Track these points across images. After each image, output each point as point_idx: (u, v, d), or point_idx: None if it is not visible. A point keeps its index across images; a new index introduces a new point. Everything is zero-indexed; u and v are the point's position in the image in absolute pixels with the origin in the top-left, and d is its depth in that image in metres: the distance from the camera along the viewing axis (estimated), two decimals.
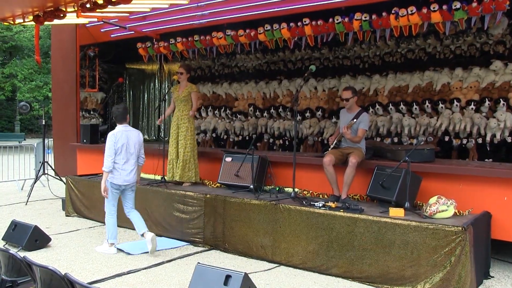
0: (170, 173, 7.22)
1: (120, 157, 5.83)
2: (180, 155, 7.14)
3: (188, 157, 7.12)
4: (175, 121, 7.24)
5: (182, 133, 7.13)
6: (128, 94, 11.95)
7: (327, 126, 8.10)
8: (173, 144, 7.22)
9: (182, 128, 7.14)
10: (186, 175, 7.13)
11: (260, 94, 9.03)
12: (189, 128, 7.16)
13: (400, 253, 4.67)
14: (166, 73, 11.21)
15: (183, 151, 7.12)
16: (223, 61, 9.60)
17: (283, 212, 5.45)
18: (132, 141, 5.91)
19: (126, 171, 5.87)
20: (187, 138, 7.13)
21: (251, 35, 8.07)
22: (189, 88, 7.19)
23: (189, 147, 7.13)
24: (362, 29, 6.99)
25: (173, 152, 7.22)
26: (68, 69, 11.75)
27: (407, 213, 5.03)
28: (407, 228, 4.65)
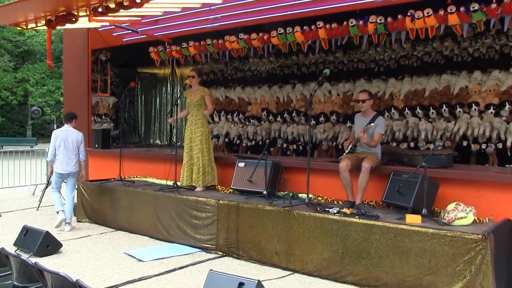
0: (184, 179, 7.22)
1: (60, 151, 7.41)
2: (198, 160, 7.14)
3: (206, 161, 7.15)
4: (189, 126, 7.25)
5: (197, 138, 7.14)
6: (140, 98, 12.00)
7: (341, 131, 8.06)
8: (186, 150, 7.23)
9: (196, 133, 7.16)
10: (205, 179, 7.16)
11: (273, 98, 9.02)
12: (204, 132, 7.18)
13: (418, 261, 4.61)
14: (178, 77, 11.25)
15: (200, 156, 7.13)
16: (236, 65, 9.61)
17: (297, 219, 5.42)
18: (70, 139, 7.46)
19: (63, 163, 7.39)
20: (203, 142, 7.14)
21: (264, 39, 8.08)
22: (201, 92, 7.20)
23: (206, 151, 7.15)
24: (377, 32, 6.96)
25: (187, 157, 7.23)
26: (79, 74, 11.85)
27: (424, 220, 4.97)
28: (424, 235, 4.60)
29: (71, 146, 7.43)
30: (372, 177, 5.87)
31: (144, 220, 6.99)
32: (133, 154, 9.11)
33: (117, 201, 7.44)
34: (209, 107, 7.18)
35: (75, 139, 7.50)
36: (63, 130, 7.52)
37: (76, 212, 8.01)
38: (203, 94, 7.18)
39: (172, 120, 7.54)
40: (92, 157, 9.93)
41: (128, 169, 8.47)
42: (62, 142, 7.40)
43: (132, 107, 11.82)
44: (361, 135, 5.96)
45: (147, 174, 8.63)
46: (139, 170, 8.83)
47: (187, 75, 11.31)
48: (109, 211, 7.53)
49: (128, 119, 11.69)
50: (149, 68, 11.71)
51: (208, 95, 7.21)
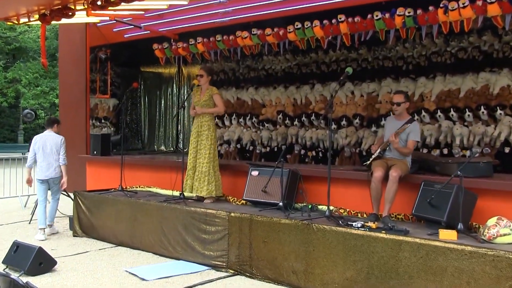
0: (187, 187, 7.25)
1: (38, 156, 7.89)
2: (199, 166, 7.18)
3: (207, 168, 7.14)
4: (195, 128, 7.29)
5: (202, 142, 7.18)
6: (143, 100, 12.08)
7: (365, 136, 8.04)
8: (192, 154, 7.27)
9: (202, 136, 7.19)
10: (205, 188, 7.14)
11: (290, 100, 9.03)
12: (210, 136, 7.20)
13: (454, 283, 4.55)
14: (185, 77, 11.31)
15: (201, 161, 7.16)
16: (249, 63, 9.64)
17: (317, 233, 5.41)
18: (49, 143, 7.90)
19: (43, 168, 7.86)
20: (207, 147, 7.16)
21: (280, 34, 8.10)
22: (210, 91, 7.24)
23: (208, 157, 7.15)
24: (405, 26, 6.94)
25: (192, 163, 7.26)
26: (77, 73, 11.96)
27: (460, 236, 4.92)
28: (461, 253, 4.54)
29: (49, 150, 7.89)
30: (401, 187, 5.84)
31: (148, 235, 7.02)
32: (136, 161, 9.17)
33: (117, 213, 7.48)
34: (220, 106, 7.22)
35: (54, 143, 7.94)
36: (42, 135, 8.05)
37: (72, 226, 8.06)
38: (212, 93, 7.22)
39: (194, 112, 7.36)
40: (90, 165, 10.00)
41: (130, 178, 8.51)
42: (41, 147, 7.92)
43: (135, 110, 11.90)
44: (392, 139, 5.94)
45: (151, 183, 8.67)
46: (142, 179, 8.88)
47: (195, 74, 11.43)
48: (109, 225, 7.57)
49: (130, 123, 11.77)
50: (153, 67, 11.79)
51: (217, 94, 7.25)
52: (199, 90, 7.40)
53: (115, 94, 11.52)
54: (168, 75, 11.72)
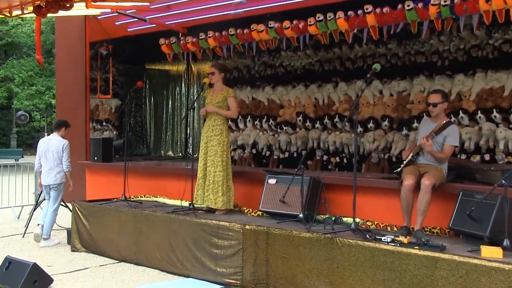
0: (198, 197, 7.27)
1: (42, 160, 8.38)
2: (210, 175, 7.18)
3: (220, 177, 7.13)
4: (205, 132, 7.30)
5: (213, 148, 7.18)
6: (148, 101, 12.16)
7: (395, 140, 8.01)
8: (202, 161, 7.28)
9: (213, 142, 7.19)
10: (217, 200, 7.15)
11: (311, 100, 9.03)
12: (222, 141, 7.19)
13: None
14: (195, 75, 11.37)
15: (213, 170, 7.15)
16: (265, 59, 9.66)
17: (341, 248, 5.39)
18: (50, 148, 8.32)
19: (45, 173, 8.37)
20: (218, 153, 7.15)
21: (300, 28, 8.10)
22: (224, 93, 7.24)
23: (221, 165, 7.14)
24: (440, 17, 6.90)
25: (202, 171, 7.28)
26: (75, 71, 12.06)
27: (506, 254, 4.84)
28: (508, 274, 4.46)
29: (51, 156, 8.33)
30: (436, 197, 5.80)
31: (154, 249, 7.04)
32: (141, 168, 9.23)
33: (120, 226, 7.51)
34: (233, 110, 7.24)
35: (56, 148, 8.34)
36: (46, 139, 8.54)
37: (70, 240, 8.11)
38: (226, 95, 7.22)
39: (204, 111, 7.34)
40: (90, 172, 10.07)
41: (134, 187, 8.55)
42: (43, 151, 8.40)
43: (139, 112, 11.98)
44: (424, 142, 5.90)
45: (157, 193, 8.72)
46: (147, 188, 8.93)
47: (205, 72, 11.48)
48: (111, 238, 7.61)
49: (134, 126, 11.85)
50: (159, 64, 11.86)
51: (232, 96, 7.25)
52: (211, 90, 7.43)
53: (118, 94, 11.58)
54: (176, 73, 11.78)
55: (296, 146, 9.11)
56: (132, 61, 11.57)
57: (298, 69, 9.23)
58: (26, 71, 30.85)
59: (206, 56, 10.01)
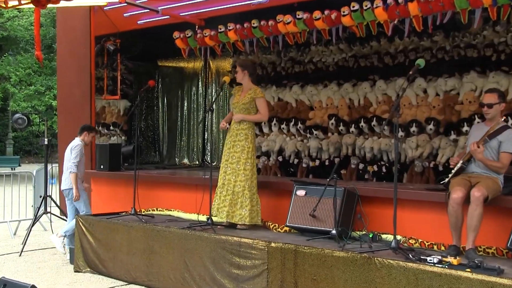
0: (215, 209, 7.32)
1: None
2: (229, 184, 7.21)
3: (240, 188, 7.18)
4: (229, 137, 7.36)
5: (236, 154, 7.22)
6: (161, 102, 12.24)
7: (442, 146, 7.98)
8: (223, 167, 7.34)
9: (236, 147, 7.24)
10: (237, 213, 7.19)
11: (344, 101, 9.04)
12: (246, 148, 7.24)
13: None
14: (214, 73, 11.43)
15: (233, 179, 7.20)
16: (293, 55, 9.69)
17: (381, 270, 5.39)
18: (67, 150, 8.70)
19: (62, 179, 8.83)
20: (241, 161, 7.20)
21: (332, 18, 8.12)
22: (252, 93, 7.28)
23: (243, 175, 7.19)
24: (496, 4, 6.81)
25: (221, 179, 7.34)
26: (79, 69, 12.16)
27: None
28: None
29: (65, 159, 8.71)
30: (491, 212, 5.75)
31: (167, 270, 7.09)
32: (153, 178, 9.30)
33: (130, 243, 7.57)
34: (263, 113, 7.28)
35: (69, 149, 8.68)
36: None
37: (74, 259, 8.15)
38: (255, 96, 7.26)
39: (224, 126, 7.50)
40: (96, 183, 10.14)
41: (145, 199, 8.61)
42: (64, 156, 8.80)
43: (151, 114, 12.07)
44: (474, 148, 5.85)
45: (171, 205, 8.79)
46: (160, 200, 9.01)
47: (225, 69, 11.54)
48: (119, 257, 7.67)
49: (145, 131, 11.93)
50: (173, 61, 11.94)
51: (261, 97, 7.29)
52: (240, 89, 7.49)
53: (127, 94, 11.65)
54: (192, 71, 11.84)
55: (328, 153, 9.12)
56: (143, 58, 11.63)
57: (330, 65, 9.25)
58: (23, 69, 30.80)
59: (226, 51, 10.05)
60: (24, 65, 31.03)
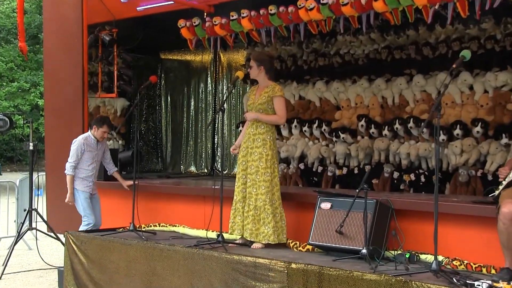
0: (235, 226, 7.32)
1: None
2: (251, 198, 7.17)
3: (262, 202, 7.13)
4: (245, 142, 7.30)
5: (254, 163, 7.16)
6: (164, 101, 12.28)
7: (491, 152, 7.96)
8: (240, 179, 7.30)
9: (253, 155, 7.17)
10: (260, 231, 7.17)
11: (376, 100, 9.04)
12: (265, 155, 7.15)
13: None
14: (225, 67, 11.45)
15: (254, 192, 7.15)
16: (317, 46, 9.71)
17: None
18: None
19: None
20: (260, 171, 7.13)
21: (362, 4, 8.12)
22: (270, 91, 7.20)
23: (264, 187, 7.13)
24: None
25: (240, 192, 7.30)
26: (69, 63, 12.19)
27: None
28: None
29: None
30: None
31: None
32: (154, 189, 9.36)
33: (128, 264, 7.59)
34: (280, 114, 7.22)
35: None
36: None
37: (62, 283, 8.14)
38: (272, 94, 7.18)
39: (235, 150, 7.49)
40: None
41: (146, 213, 8.64)
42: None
43: (153, 115, 12.12)
44: None
45: (176, 220, 8.80)
46: (163, 214, 9.04)
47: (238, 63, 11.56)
48: (116, 280, 7.69)
49: (146, 134, 11.98)
50: (178, 53, 11.98)
51: (279, 96, 7.20)
52: (255, 88, 7.45)
53: (125, 92, 11.69)
54: (200, 65, 11.88)
55: (357, 159, 9.13)
56: (143, 50, 11.70)
57: (359, 58, 9.27)
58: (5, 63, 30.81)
59: (239, 42, 10.07)
60: (6, 58, 31.04)
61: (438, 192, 5.86)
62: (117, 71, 11.49)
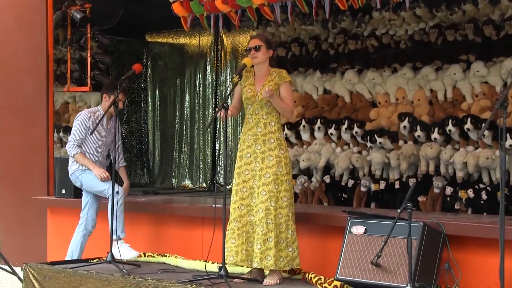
0: (233, 252, 7.23)
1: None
2: (270, 215, 7.12)
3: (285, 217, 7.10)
4: (250, 145, 7.26)
5: (271, 169, 7.10)
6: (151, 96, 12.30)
7: None
8: (239, 191, 7.26)
9: (269, 160, 7.11)
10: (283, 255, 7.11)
11: (423, 94, 9.01)
12: (283, 158, 7.14)
13: None
14: (229, 53, 11.47)
15: (273, 206, 7.13)
16: (346, 25, 9.69)
17: None
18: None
19: None
20: (279, 179, 7.09)
21: None
22: (275, 77, 7.19)
23: (284, 198, 7.11)
24: None
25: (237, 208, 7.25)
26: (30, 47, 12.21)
27: None
28: None
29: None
30: None
31: None
32: (139, 208, 9.38)
33: None
34: (289, 103, 7.19)
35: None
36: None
37: None
38: (279, 82, 7.18)
39: (222, 113, 7.15)
40: (54, 216, 10.19)
41: (129, 238, 8.64)
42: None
43: (137, 114, 12.15)
44: None
45: (166, 249, 8.81)
46: (150, 241, 9.05)
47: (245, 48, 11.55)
48: None
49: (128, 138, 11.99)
50: (169, 35, 12.00)
51: (288, 81, 7.22)
52: (250, 77, 7.43)
53: (101, 85, 11.68)
54: (196, 50, 11.91)
55: (399, 170, 9.10)
56: (125, 31, 11.72)
57: (401, 41, 9.24)
58: None
59: (247, 21, 10.06)
60: None
61: (504, 214, 5.83)
62: (91, 58, 11.49)
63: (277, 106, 7.11)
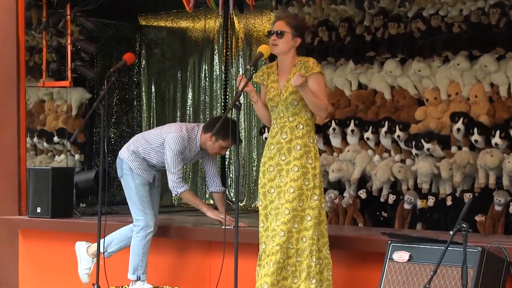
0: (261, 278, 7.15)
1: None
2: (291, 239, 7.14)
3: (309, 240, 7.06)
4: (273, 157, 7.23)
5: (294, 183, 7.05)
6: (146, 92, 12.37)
7: None
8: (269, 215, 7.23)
9: (292, 172, 7.07)
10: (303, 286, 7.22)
11: (482, 89, 9.05)
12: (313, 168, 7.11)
13: None
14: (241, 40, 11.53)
15: (296, 229, 7.09)
16: (386, 5, 9.74)
17: None
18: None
19: None
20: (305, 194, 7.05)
21: None
22: (301, 68, 7.10)
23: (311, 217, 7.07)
24: None
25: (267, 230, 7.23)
26: None
27: None
28: None
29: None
30: None
31: None
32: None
33: None
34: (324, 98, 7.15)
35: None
36: None
37: None
38: (307, 72, 7.07)
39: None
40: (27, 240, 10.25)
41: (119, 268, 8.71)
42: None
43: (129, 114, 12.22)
44: None
45: (165, 281, 8.89)
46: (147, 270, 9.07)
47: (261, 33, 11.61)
48: None
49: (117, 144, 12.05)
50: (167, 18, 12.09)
51: (318, 72, 7.13)
52: (273, 71, 7.42)
53: (83, 80, 11.76)
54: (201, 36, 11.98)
55: (451, 183, 9.13)
56: (113, 12, 11.78)
57: (455, 23, 9.28)
58: None
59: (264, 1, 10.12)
60: None
61: None
62: (72, 46, 11.53)
63: (309, 101, 6.94)
